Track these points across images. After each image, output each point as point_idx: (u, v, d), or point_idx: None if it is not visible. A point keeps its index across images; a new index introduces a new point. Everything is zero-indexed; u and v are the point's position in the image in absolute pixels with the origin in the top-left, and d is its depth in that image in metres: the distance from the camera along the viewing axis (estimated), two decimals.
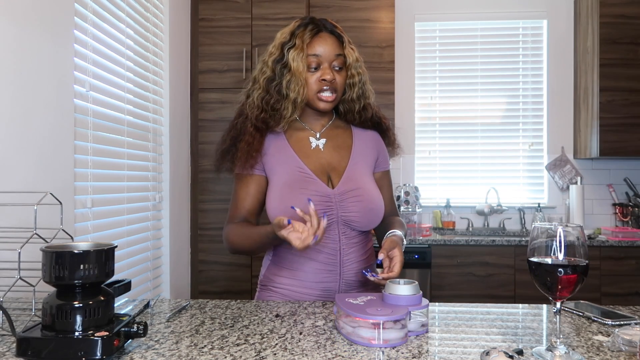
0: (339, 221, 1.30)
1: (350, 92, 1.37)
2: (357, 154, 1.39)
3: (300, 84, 1.29)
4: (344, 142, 1.40)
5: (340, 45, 1.33)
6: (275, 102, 1.32)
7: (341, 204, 1.29)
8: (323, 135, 1.39)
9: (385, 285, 1.02)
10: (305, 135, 1.38)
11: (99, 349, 0.78)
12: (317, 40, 1.31)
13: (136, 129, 2.31)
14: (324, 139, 1.38)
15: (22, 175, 1.49)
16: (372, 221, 1.34)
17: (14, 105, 1.46)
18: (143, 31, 2.39)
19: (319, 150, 1.36)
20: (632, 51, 3.19)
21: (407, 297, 0.98)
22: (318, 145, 1.37)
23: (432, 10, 3.63)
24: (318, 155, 1.36)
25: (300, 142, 1.37)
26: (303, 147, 1.36)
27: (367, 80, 1.40)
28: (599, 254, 2.97)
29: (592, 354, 0.87)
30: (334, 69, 1.32)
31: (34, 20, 1.55)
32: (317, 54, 1.30)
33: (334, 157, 1.36)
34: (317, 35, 1.32)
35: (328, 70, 1.30)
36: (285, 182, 1.30)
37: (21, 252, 1.00)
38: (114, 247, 0.87)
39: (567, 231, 0.85)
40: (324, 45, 1.31)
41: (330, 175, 1.34)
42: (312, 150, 1.36)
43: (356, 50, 1.36)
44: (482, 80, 3.64)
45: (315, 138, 1.38)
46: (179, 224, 2.82)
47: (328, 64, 1.31)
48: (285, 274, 1.34)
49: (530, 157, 3.63)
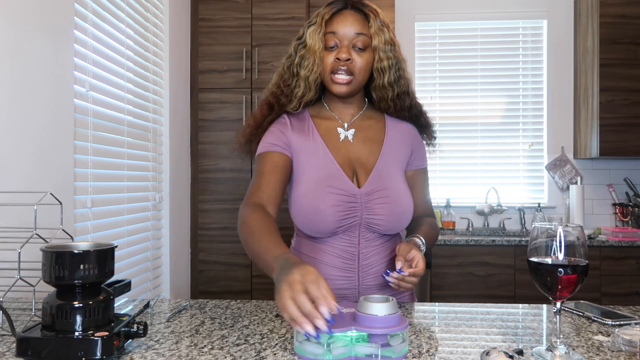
0: (362, 224, 1.21)
1: (380, 78, 1.23)
2: (389, 149, 1.27)
3: (314, 61, 1.20)
4: (375, 135, 1.28)
5: (365, 24, 1.21)
6: (288, 78, 1.25)
7: (367, 205, 1.20)
8: (352, 126, 1.28)
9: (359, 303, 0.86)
10: (333, 125, 1.28)
11: (99, 349, 0.78)
12: (338, 17, 1.21)
13: (136, 129, 2.31)
14: (353, 130, 1.28)
15: (22, 175, 1.49)
16: (398, 226, 1.24)
17: (14, 105, 1.46)
18: (143, 31, 2.39)
19: (348, 142, 1.26)
20: (632, 51, 3.19)
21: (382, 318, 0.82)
22: (347, 137, 1.27)
23: (432, 10, 3.63)
24: (347, 148, 1.25)
25: (328, 132, 1.27)
26: (332, 138, 1.26)
27: (404, 67, 1.26)
28: (599, 254, 2.97)
29: (592, 354, 0.87)
30: (354, 49, 1.20)
31: (34, 20, 1.55)
32: (334, 32, 1.20)
33: (363, 151, 1.26)
34: (339, 12, 1.22)
35: (345, 49, 1.19)
36: (313, 178, 1.21)
37: (21, 252, 1.00)
38: (114, 247, 0.87)
39: (567, 231, 0.85)
40: (344, 22, 1.20)
41: (356, 171, 1.24)
42: (340, 142, 1.26)
43: (388, 33, 1.22)
44: (482, 80, 3.64)
45: (343, 129, 1.28)
46: (179, 224, 2.82)
47: (347, 43, 1.20)
48: None
49: (530, 157, 3.63)
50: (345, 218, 1.19)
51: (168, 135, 2.66)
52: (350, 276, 1.22)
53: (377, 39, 1.21)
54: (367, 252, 1.23)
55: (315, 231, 1.21)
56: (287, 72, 1.26)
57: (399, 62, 1.24)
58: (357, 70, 1.20)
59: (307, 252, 1.26)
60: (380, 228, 1.22)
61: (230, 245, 3.04)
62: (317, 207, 1.17)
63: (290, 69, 1.25)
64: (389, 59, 1.22)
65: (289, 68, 1.26)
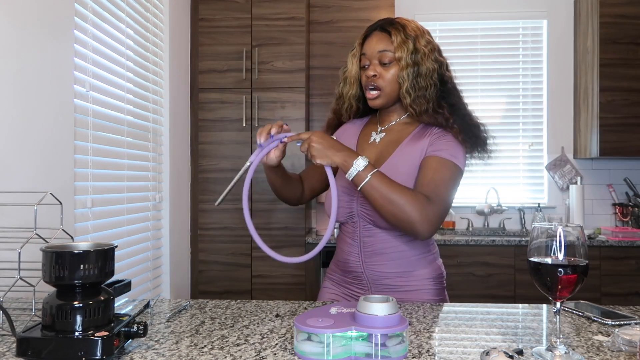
0: (359, 215, 1.36)
1: (403, 86, 1.33)
2: (404, 147, 1.34)
3: (351, 82, 1.42)
4: (399, 138, 1.38)
5: (388, 41, 1.33)
6: (339, 98, 1.48)
7: (361, 199, 1.34)
8: (386, 130, 1.42)
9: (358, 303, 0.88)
10: (372, 129, 1.46)
11: (99, 349, 0.78)
12: (367, 40, 1.38)
13: (136, 129, 2.31)
14: (384, 134, 1.42)
15: (22, 175, 1.49)
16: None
17: (14, 106, 1.46)
18: (143, 31, 2.39)
19: (374, 144, 1.42)
20: (632, 51, 3.19)
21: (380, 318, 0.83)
22: (375, 140, 1.42)
23: (432, 10, 3.63)
24: (371, 150, 1.41)
25: (366, 135, 1.46)
26: (365, 141, 1.45)
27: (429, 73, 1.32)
28: (599, 254, 2.97)
29: (592, 354, 0.87)
30: (381, 65, 1.34)
31: (34, 20, 1.55)
32: (364, 53, 1.37)
33: (382, 151, 1.39)
34: (369, 36, 1.38)
35: (372, 67, 1.35)
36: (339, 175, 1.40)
37: (21, 252, 1.00)
38: (114, 247, 0.87)
39: (567, 231, 0.85)
40: (370, 43, 1.36)
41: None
42: (368, 144, 1.43)
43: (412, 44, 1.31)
44: (482, 80, 3.64)
45: (375, 132, 1.44)
46: (179, 224, 2.82)
47: (375, 61, 1.35)
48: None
49: (530, 157, 3.63)
50: (345, 208, 1.38)
51: (168, 135, 2.66)
52: (355, 261, 1.39)
53: (399, 51, 1.32)
54: (368, 242, 1.36)
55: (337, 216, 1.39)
56: (337, 92, 1.49)
57: (419, 68, 1.32)
58: (384, 84, 1.35)
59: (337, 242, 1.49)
60: (373, 220, 1.33)
61: (230, 245, 3.04)
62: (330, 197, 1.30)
63: (338, 89, 1.48)
64: (408, 66, 1.31)
65: (338, 89, 1.49)
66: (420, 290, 1.35)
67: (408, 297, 1.34)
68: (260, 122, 3.04)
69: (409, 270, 1.35)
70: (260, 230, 3.01)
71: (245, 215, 1.32)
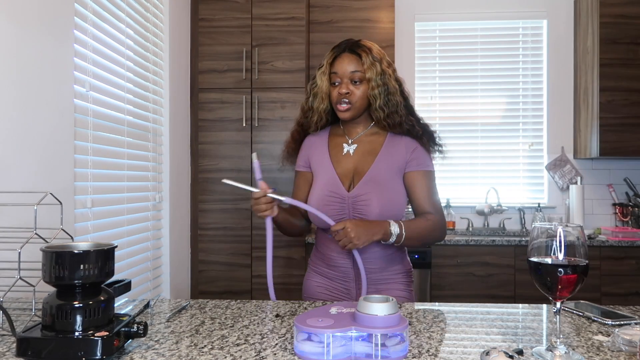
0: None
1: (374, 103, 1.50)
2: (383, 157, 1.52)
3: (322, 98, 1.54)
4: (373, 148, 1.54)
5: (359, 62, 1.49)
6: (307, 110, 1.59)
7: (353, 205, 1.48)
8: (356, 142, 1.57)
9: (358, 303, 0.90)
10: (341, 141, 1.59)
11: (99, 349, 0.78)
12: (338, 60, 1.52)
13: (136, 129, 2.31)
14: (356, 145, 1.56)
15: (22, 175, 1.49)
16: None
17: (14, 106, 1.46)
18: (143, 31, 2.39)
19: (348, 156, 1.55)
20: (632, 51, 3.19)
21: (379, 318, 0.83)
22: (349, 151, 1.56)
23: (432, 10, 3.63)
24: (347, 160, 1.55)
25: (336, 147, 1.59)
26: (337, 153, 1.57)
27: (395, 91, 1.51)
28: (599, 254, 2.97)
29: (592, 354, 0.87)
30: (352, 83, 1.50)
31: (34, 20, 1.55)
32: (336, 72, 1.51)
33: (360, 162, 1.53)
34: (339, 56, 1.52)
35: (344, 85, 1.50)
36: (318, 185, 1.54)
37: (21, 252, 1.00)
38: (114, 247, 0.87)
39: (567, 231, 0.85)
40: (342, 64, 1.51)
41: (354, 178, 1.52)
42: (342, 156, 1.56)
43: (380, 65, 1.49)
44: (482, 80, 3.64)
45: (347, 144, 1.57)
46: (179, 224, 2.82)
47: (346, 80, 1.50)
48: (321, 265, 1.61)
49: (530, 157, 3.63)
50: (336, 214, 1.49)
51: (168, 135, 2.66)
52: (344, 259, 1.52)
53: (369, 72, 1.49)
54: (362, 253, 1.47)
55: (317, 223, 1.51)
56: (306, 106, 1.60)
57: (388, 88, 1.50)
58: (355, 99, 1.50)
59: (317, 236, 1.60)
60: None
61: (230, 245, 3.04)
62: (317, 206, 1.49)
63: (307, 103, 1.59)
64: (379, 86, 1.49)
65: (306, 103, 1.60)
66: (395, 283, 1.53)
67: (385, 287, 1.51)
68: (260, 122, 3.04)
69: (387, 265, 1.52)
70: (260, 230, 3.03)
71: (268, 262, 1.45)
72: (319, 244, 1.59)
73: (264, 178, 1.41)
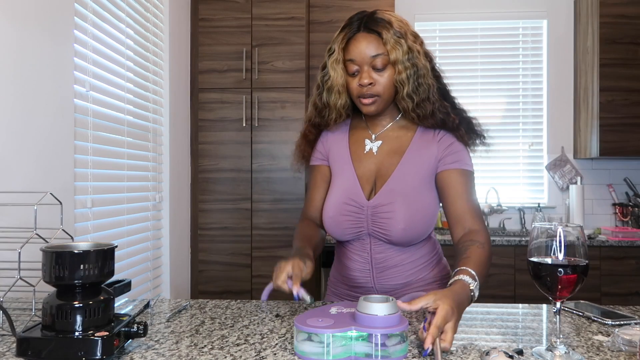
0: (370, 233, 1.27)
1: (402, 90, 1.22)
2: (409, 158, 1.27)
3: (339, 92, 1.26)
4: (400, 146, 1.29)
5: (380, 43, 1.20)
6: (322, 108, 1.32)
7: (372, 217, 1.25)
8: (380, 137, 1.32)
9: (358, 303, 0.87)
10: (363, 135, 1.34)
11: (99, 349, 0.78)
12: (352, 43, 1.23)
13: (136, 129, 2.31)
14: (380, 141, 1.31)
15: (22, 175, 1.49)
16: (407, 239, 1.24)
17: (14, 105, 1.46)
18: (143, 31, 2.39)
19: (371, 154, 1.31)
20: (632, 51, 3.18)
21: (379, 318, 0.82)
22: (372, 149, 1.31)
23: (432, 10, 3.63)
24: (369, 160, 1.31)
25: (357, 142, 1.34)
26: (358, 149, 1.33)
27: (427, 72, 1.24)
28: (599, 254, 2.97)
29: (592, 354, 0.87)
30: (374, 70, 1.22)
31: (34, 20, 1.55)
32: (352, 59, 1.23)
33: (384, 163, 1.29)
34: (353, 38, 1.23)
35: (365, 74, 1.21)
36: (336, 189, 1.31)
37: (21, 252, 1.00)
38: (114, 247, 0.87)
39: (567, 231, 0.85)
40: (359, 48, 1.21)
41: (376, 182, 1.28)
42: (364, 154, 1.32)
43: (405, 42, 1.20)
44: (482, 80, 3.64)
45: (370, 140, 1.32)
46: (179, 224, 2.82)
47: (367, 67, 1.22)
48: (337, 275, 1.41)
49: (530, 157, 3.63)
50: (353, 227, 1.27)
51: (168, 135, 2.66)
52: (366, 277, 1.31)
53: (394, 53, 1.20)
54: (380, 258, 1.28)
55: (333, 235, 1.32)
56: (319, 103, 1.32)
57: (418, 69, 1.22)
58: (381, 90, 1.23)
59: (336, 251, 1.40)
60: (387, 239, 1.25)
61: (230, 245, 3.04)
62: (332, 215, 1.28)
63: (321, 100, 1.31)
64: (407, 69, 1.21)
65: (320, 99, 1.32)
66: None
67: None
68: (260, 122, 3.04)
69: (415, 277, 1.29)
70: (260, 230, 3.03)
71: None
72: (338, 263, 1.37)
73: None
